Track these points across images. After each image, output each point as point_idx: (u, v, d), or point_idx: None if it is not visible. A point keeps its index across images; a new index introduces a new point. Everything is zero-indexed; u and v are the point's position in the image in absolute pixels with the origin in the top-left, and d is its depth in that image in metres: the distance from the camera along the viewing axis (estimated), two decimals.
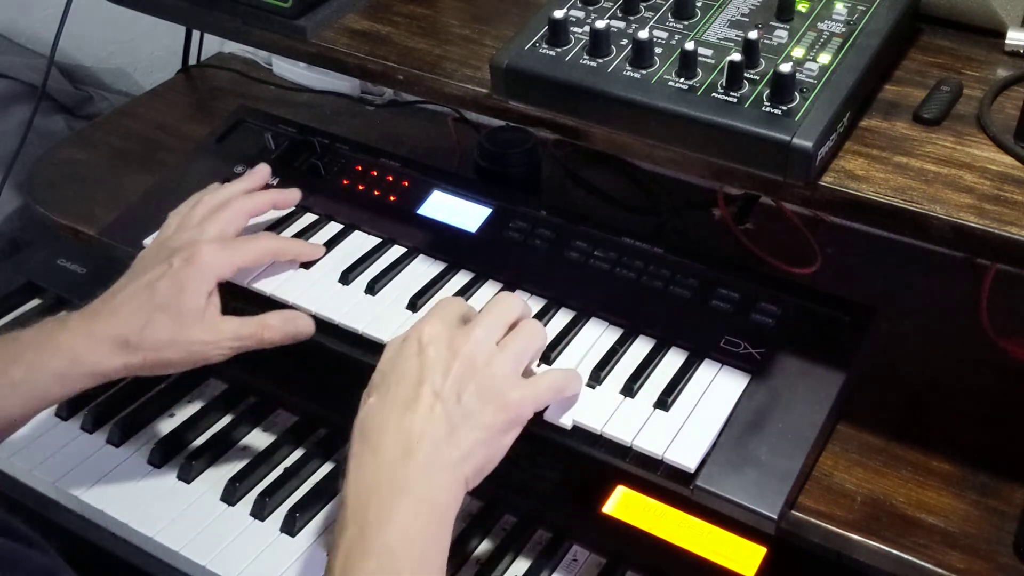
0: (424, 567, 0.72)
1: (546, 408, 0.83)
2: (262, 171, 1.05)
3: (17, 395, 0.88)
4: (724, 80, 0.74)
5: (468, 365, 0.77)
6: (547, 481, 0.98)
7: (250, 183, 1.02)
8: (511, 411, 0.77)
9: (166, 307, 0.89)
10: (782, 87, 0.72)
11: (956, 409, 0.88)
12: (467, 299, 0.95)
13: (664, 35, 0.80)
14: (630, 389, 0.85)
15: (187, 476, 1.02)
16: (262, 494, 0.99)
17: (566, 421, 0.83)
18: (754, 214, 1.10)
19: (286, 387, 1.09)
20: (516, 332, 0.81)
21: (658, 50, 0.78)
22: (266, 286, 0.98)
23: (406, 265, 0.99)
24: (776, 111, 0.72)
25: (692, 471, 0.80)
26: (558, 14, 0.80)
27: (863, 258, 1.05)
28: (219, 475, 1.02)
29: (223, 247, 0.93)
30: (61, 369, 0.88)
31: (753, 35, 0.75)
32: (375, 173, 1.08)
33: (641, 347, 0.89)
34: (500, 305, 0.82)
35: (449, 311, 0.82)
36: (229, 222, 0.96)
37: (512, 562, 0.95)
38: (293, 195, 1.03)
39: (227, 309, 0.92)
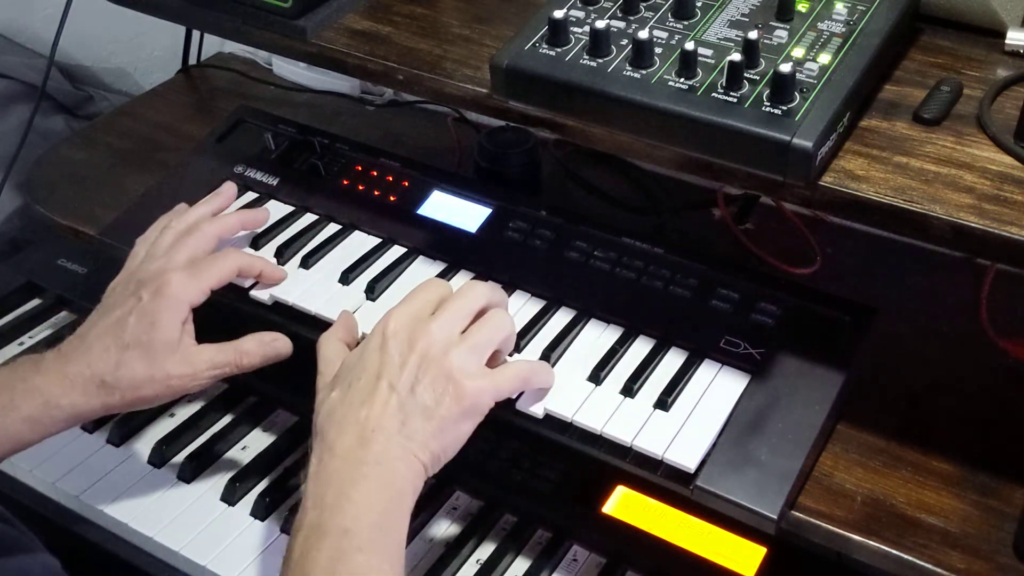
0: (381, 547, 0.73)
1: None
2: (228, 191, 1.03)
3: None
4: (724, 80, 0.75)
5: (424, 357, 0.78)
6: (547, 481, 0.98)
7: (217, 204, 1.01)
8: (466, 401, 0.78)
9: (139, 343, 0.87)
10: (782, 87, 0.72)
11: (956, 409, 0.88)
12: None
13: (664, 35, 0.80)
14: (630, 389, 0.85)
15: (187, 476, 1.02)
16: (262, 494, 0.99)
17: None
18: (754, 214, 1.10)
19: (286, 387, 1.09)
20: (480, 322, 0.82)
21: (658, 50, 0.78)
22: (267, 288, 0.98)
23: (406, 265, 0.99)
24: (776, 111, 0.72)
25: (692, 471, 0.80)
26: (558, 14, 0.80)
27: (863, 258, 1.05)
28: (219, 475, 1.02)
29: (191, 274, 0.91)
30: (33, 413, 0.86)
31: (753, 35, 0.75)
32: (375, 173, 1.08)
33: (641, 347, 0.89)
34: (466, 295, 0.83)
35: (420, 300, 0.82)
36: (197, 247, 0.94)
37: (512, 562, 0.94)
38: (261, 215, 1.03)
39: (227, 310, 0.92)
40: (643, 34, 0.77)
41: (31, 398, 0.87)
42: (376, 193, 1.06)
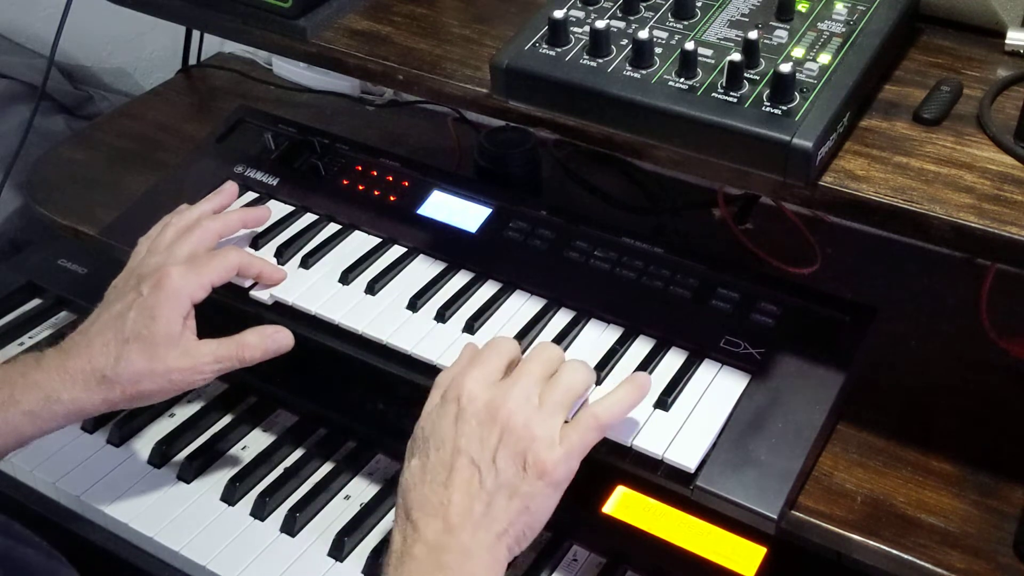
0: None
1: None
2: (229, 189, 1.03)
3: None
4: (724, 80, 0.74)
5: (504, 431, 0.75)
6: None
7: (218, 203, 1.01)
8: (549, 476, 0.75)
9: (138, 337, 0.87)
10: (782, 87, 0.72)
11: (956, 409, 0.88)
12: (467, 299, 0.95)
13: (664, 35, 0.80)
14: None
15: (187, 476, 1.02)
16: (262, 494, 0.99)
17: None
18: (754, 214, 1.10)
19: (286, 387, 1.09)
20: (555, 381, 0.79)
21: (658, 50, 0.78)
22: (266, 288, 0.98)
23: (406, 265, 0.99)
24: (776, 111, 0.72)
25: (692, 471, 0.80)
26: (558, 14, 0.80)
27: (863, 258, 1.05)
28: (219, 475, 1.02)
29: (191, 268, 0.91)
30: (34, 408, 0.86)
31: (753, 35, 0.75)
32: (375, 173, 1.08)
33: (641, 347, 0.89)
34: (540, 355, 0.80)
35: (492, 362, 0.80)
36: (198, 244, 0.94)
37: (512, 562, 0.94)
38: (263, 213, 1.03)
39: (227, 311, 0.92)
40: (643, 34, 0.77)
41: (31, 392, 0.86)
42: (376, 193, 1.06)
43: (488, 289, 0.96)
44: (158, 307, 0.88)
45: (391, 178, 1.07)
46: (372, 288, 0.96)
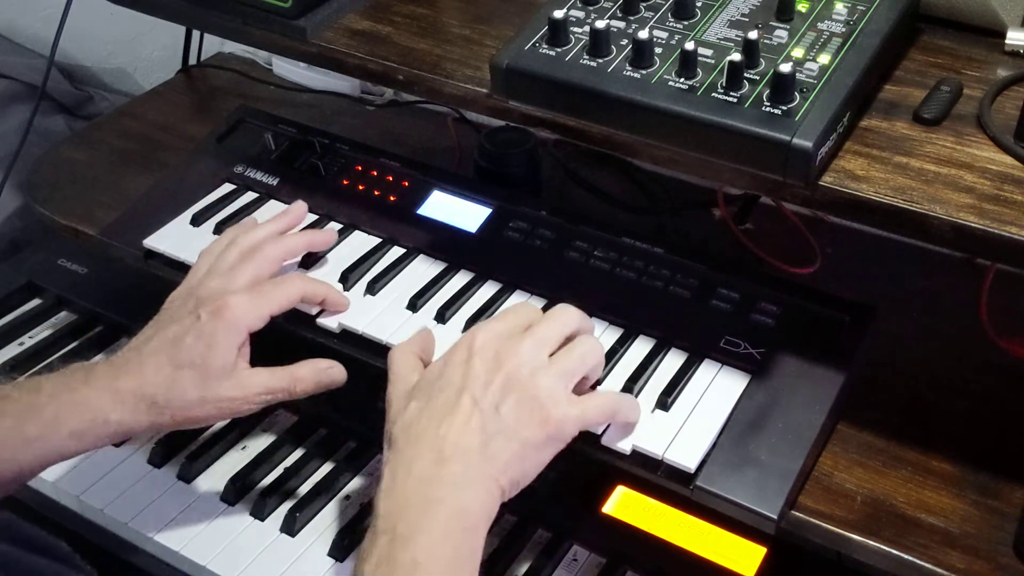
0: None
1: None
2: (298, 210, 1.01)
3: (30, 451, 0.83)
4: (724, 80, 0.75)
5: (511, 377, 0.75)
6: (547, 481, 0.98)
7: (285, 224, 0.99)
8: (550, 427, 0.75)
9: (193, 364, 0.85)
10: (782, 87, 0.72)
11: (956, 409, 0.88)
12: (467, 299, 0.95)
13: (664, 35, 0.80)
14: (630, 389, 0.85)
15: (187, 476, 1.02)
16: (262, 494, 0.99)
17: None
18: (754, 214, 1.10)
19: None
20: (569, 347, 0.79)
21: (658, 50, 0.78)
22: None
23: (406, 265, 0.99)
24: (776, 111, 0.72)
25: (692, 471, 0.80)
26: (558, 14, 0.80)
27: (863, 258, 1.05)
28: (219, 475, 1.02)
29: (252, 299, 0.88)
30: (80, 428, 0.84)
31: (753, 35, 0.75)
32: (375, 173, 1.08)
33: (641, 347, 0.89)
34: (557, 318, 0.80)
35: (511, 320, 0.80)
36: (261, 269, 0.92)
37: (512, 562, 0.94)
38: (329, 236, 1.00)
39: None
40: (643, 34, 0.77)
41: (79, 412, 0.84)
42: (376, 193, 1.06)
43: (488, 289, 0.96)
44: (215, 336, 0.85)
45: (391, 178, 1.07)
46: (372, 288, 0.96)
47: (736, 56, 0.74)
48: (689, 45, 0.76)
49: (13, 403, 0.84)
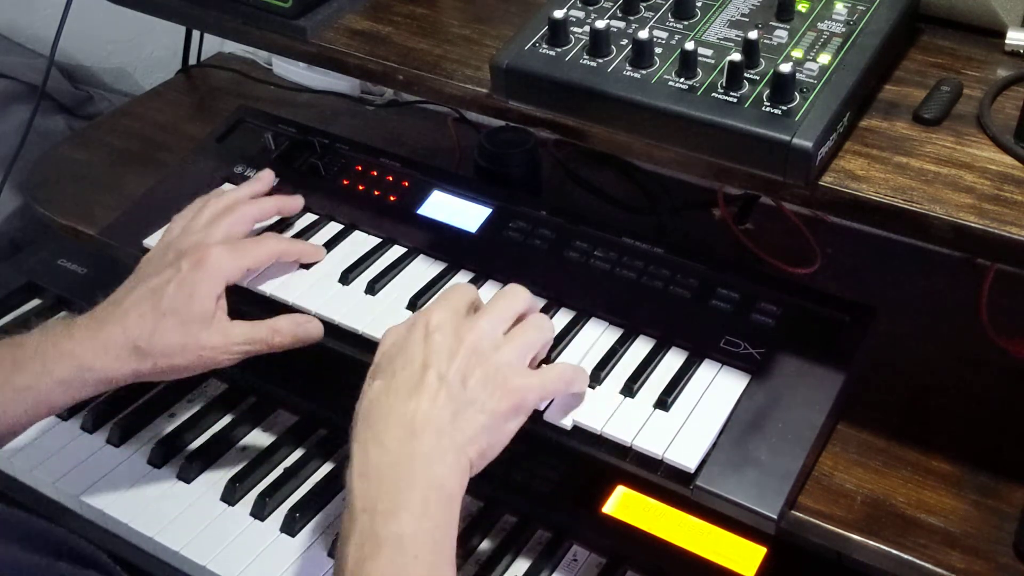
0: (436, 553, 0.72)
1: (547, 408, 0.83)
2: (267, 176, 1.05)
3: (21, 402, 0.87)
4: (724, 80, 0.75)
5: (474, 351, 0.77)
6: (547, 481, 0.98)
7: (256, 188, 1.02)
8: (515, 397, 0.77)
9: (175, 312, 0.88)
10: (782, 87, 0.72)
11: (956, 409, 0.88)
12: None
13: (664, 35, 0.80)
14: (630, 389, 0.85)
15: (187, 476, 1.02)
16: (262, 494, 0.99)
17: (567, 422, 0.83)
18: (754, 214, 1.10)
19: (286, 387, 1.09)
20: (524, 324, 0.82)
21: (658, 50, 0.78)
22: (266, 287, 0.98)
23: (406, 265, 0.99)
24: (776, 111, 0.72)
25: (692, 471, 0.80)
26: (558, 14, 0.80)
27: (863, 258, 1.05)
28: (219, 475, 1.02)
29: (231, 250, 0.92)
30: (67, 376, 0.87)
31: (753, 35, 0.75)
32: (375, 173, 1.08)
33: (641, 347, 0.89)
34: (508, 296, 0.83)
35: (457, 299, 0.82)
36: (234, 227, 0.96)
37: (512, 562, 0.95)
38: (297, 201, 1.04)
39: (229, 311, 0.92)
40: (643, 34, 0.77)
41: (64, 362, 0.87)
42: (376, 193, 1.06)
43: (488, 289, 0.96)
44: (197, 284, 0.89)
45: (391, 178, 1.07)
46: (372, 288, 0.96)
47: (736, 56, 0.74)
48: (689, 45, 0.76)
49: None
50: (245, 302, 0.98)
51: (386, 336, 0.82)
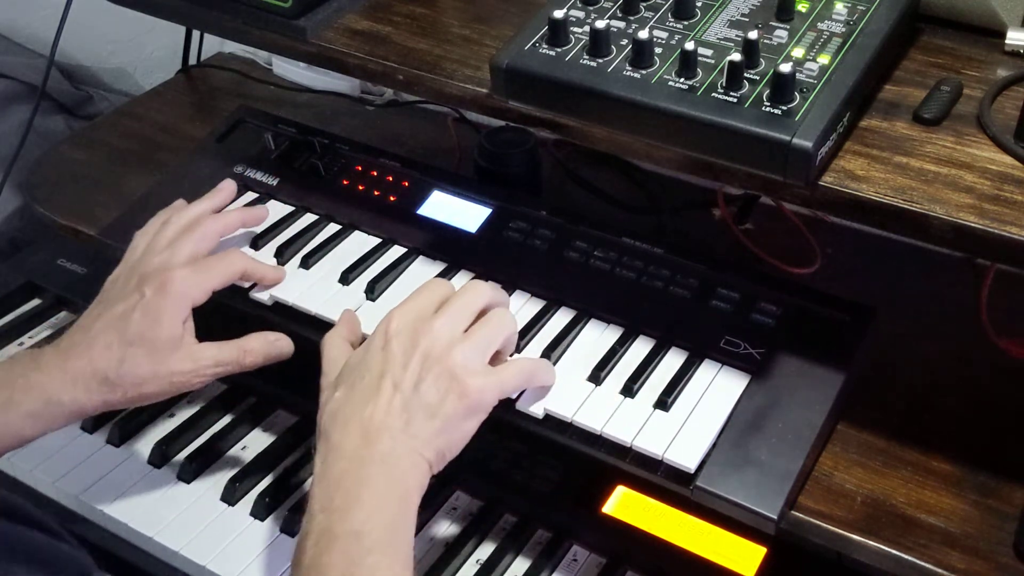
0: (391, 548, 0.73)
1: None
2: (228, 188, 1.03)
3: None
4: (724, 80, 0.74)
5: (428, 355, 0.78)
6: (547, 481, 0.98)
7: (217, 201, 1.01)
8: (470, 398, 0.78)
9: (143, 340, 0.87)
10: (782, 87, 0.72)
11: (956, 409, 0.88)
12: None
13: (664, 35, 0.80)
14: (630, 389, 0.85)
15: (187, 476, 1.02)
16: (262, 494, 0.99)
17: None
18: (754, 214, 1.10)
19: (286, 387, 1.09)
20: (482, 321, 0.82)
21: (658, 50, 0.78)
22: (266, 291, 0.98)
23: (406, 265, 0.99)
24: (776, 111, 0.72)
25: (692, 471, 0.80)
26: (558, 14, 0.80)
27: (863, 258, 1.05)
28: (219, 475, 1.02)
29: (195, 272, 0.91)
30: (35, 409, 0.86)
31: (753, 35, 0.75)
32: (375, 173, 1.08)
33: (641, 347, 0.89)
34: (467, 294, 0.83)
35: (422, 299, 0.83)
36: (199, 244, 0.94)
37: (512, 562, 0.94)
38: (261, 212, 1.03)
39: (227, 310, 0.92)
40: (643, 34, 0.77)
41: (32, 394, 0.86)
42: (376, 193, 1.06)
43: None
44: (162, 310, 0.88)
45: (391, 178, 1.07)
46: (372, 288, 0.96)
47: (736, 56, 0.74)
48: (689, 45, 0.76)
49: None
50: (245, 304, 0.98)
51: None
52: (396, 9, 0.94)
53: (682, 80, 0.76)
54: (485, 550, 0.96)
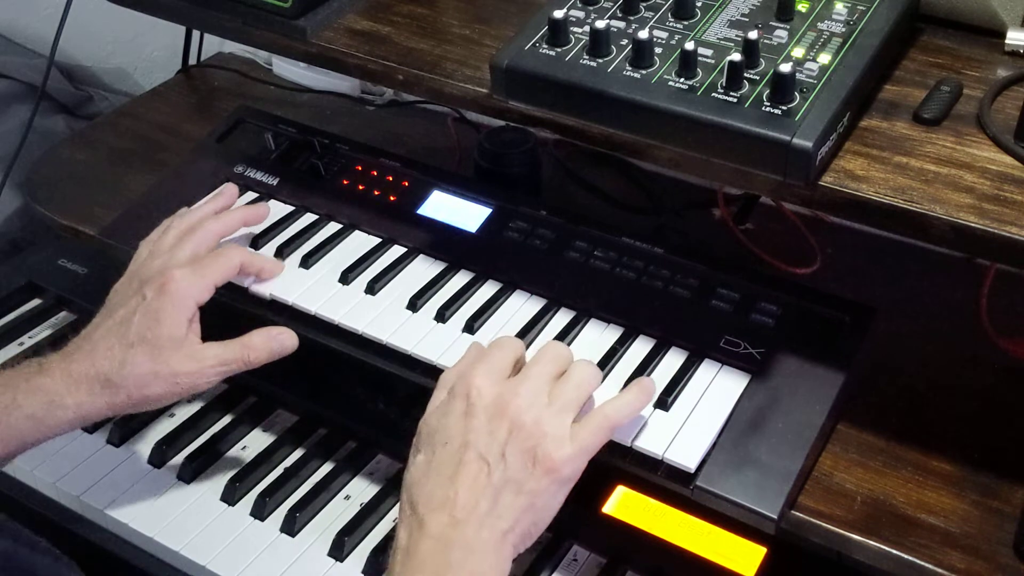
0: None
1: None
2: (229, 190, 1.04)
3: None
4: (724, 80, 0.75)
5: (514, 426, 0.75)
6: None
7: (219, 204, 1.01)
8: (557, 473, 0.75)
9: (144, 340, 0.87)
10: (782, 87, 0.72)
11: (956, 409, 0.88)
12: (467, 299, 0.95)
13: (664, 35, 0.80)
14: None
15: (187, 476, 1.02)
16: (262, 494, 0.99)
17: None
18: (754, 214, 1.10)
19: (286, 387, 1.09)
20: (566, 378, 0.79)
21: (658, 50, 0.78)
22: (266, 288, 0.98)
23: (406, 265, 0.99)
24: (776, 111, 0.72)
25: (692, 471, 0.80)
26: (558, 14, 0.80)
27: (863, 258, 1.05)
28: (219, 475, 1.02)
29: (194, 270, 0.90)
30: (36, 411, 0.86)
31: (753, 35, 0.75)
32: (375, 173, 1.08)
33: (641, 347, 0.89)
34: (548, 354, 0.80)
35: (499, 359, 0.80)
36: (200, 245, 0.94)
37: (512, 562, 0.94)
38: (262, 210, 1.03)
39: (228, 311, 0.92)
40: (643, 34, 0.77)
41: (35, 397, 0.86)
42: (376, 193, 1.06)
43: (488, 289, 0.96)
44: (162, 311, 0.88)
45: (391, 178, 1.07)
46: (372, 288, 0.96)
47: (736, 56, 0.74)
48: (689, 45, 0.76)
49: None
50: (246, 303, 0.98)
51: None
52: (396, 9, 0.94)
53: (682, 80, 0.76)
54: None
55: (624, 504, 0.94)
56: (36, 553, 0.72)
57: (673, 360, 0.88)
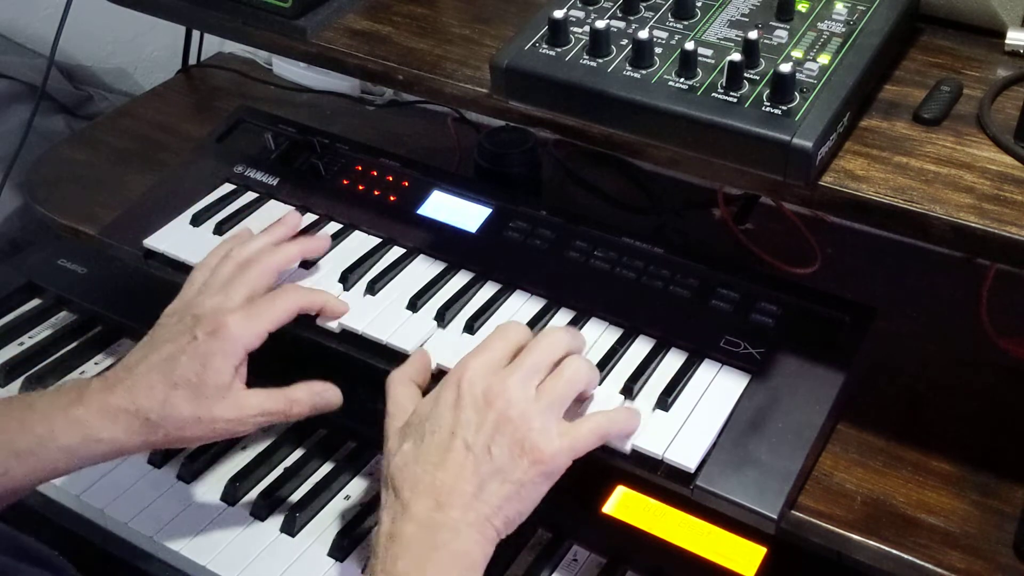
0: None
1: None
2: (292, 220, 1.00)
3: (22, 466, 0.83)
4: (724, 80, 0.74)
5: (501, 417, 0.76)
6: None
7: (279, 235, 0.97)
8: (544, 464, 0.76)
9: (188, 384, 0.84)
10: (782, 87, 0.72)
11: (956, 409, 0.88)
12: (467, 299, 0.95)
13: (664, 35, 0.80)
14: (630, 389, 0.85)
15: (187, 476, 1.02)
16: (262, 494, 0.99)
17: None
18: (754, 214, 1.10)
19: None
20: (557, 373, 0.79)
21: (658, 50, 0.78)
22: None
23: (406, 265, 0.99)
24: (776, 111, 0.72)
25: (692, 471, 0.80)
26: (558, 14, 0.80)
27: (863, 258, 1.05)
28: (219, 475, 1.02)
29: (249, 317, 0.87)
30: (72, 444, 0.84)
31: (753, 35, 0.75)
32: (375, 173, 1.08)
33: (641, 347, 0.89)
34: (542, 344, 0.81)
35: (496, 350, 0.80)
36: (257, 284, 0.90)
37: (512, 562, 0.94)
38: (323, 243, 0.99)
39: None
40: (643, 34, 0.77)
41: (71, 430, 0.84)
42: (376, 193, 1.06)
43: (488, 289, 0.96)
44: (211, 356, 0.85)
45: (391, 178, 1.07)
46: (372, 288, 0.96)
47: (736, 56, 0.74)
48: (689, 45, 0.76)
49: (5, 419, 0.84)
50: None
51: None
52: (396, 9, 0.94)
53: (682, 80, 0.76)
54: None
55: (624, 504, 0.94)
56: (35, 568, 0.72)
57: (673, 360, 0.88)
